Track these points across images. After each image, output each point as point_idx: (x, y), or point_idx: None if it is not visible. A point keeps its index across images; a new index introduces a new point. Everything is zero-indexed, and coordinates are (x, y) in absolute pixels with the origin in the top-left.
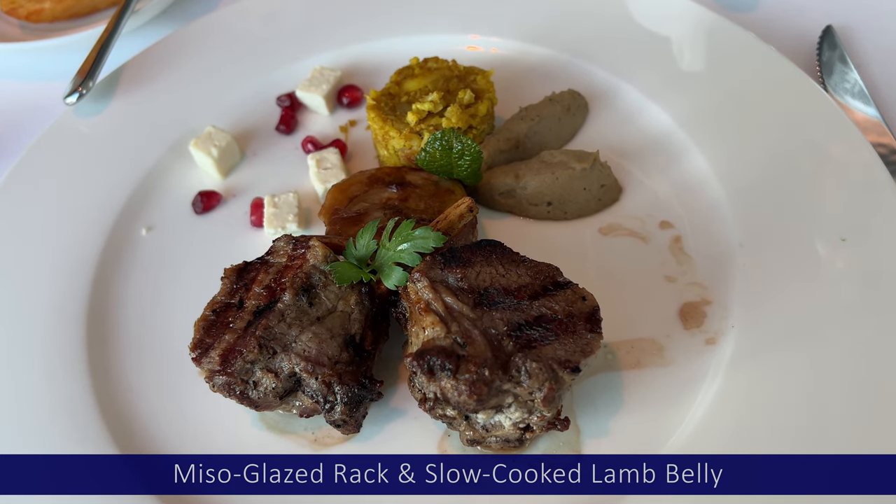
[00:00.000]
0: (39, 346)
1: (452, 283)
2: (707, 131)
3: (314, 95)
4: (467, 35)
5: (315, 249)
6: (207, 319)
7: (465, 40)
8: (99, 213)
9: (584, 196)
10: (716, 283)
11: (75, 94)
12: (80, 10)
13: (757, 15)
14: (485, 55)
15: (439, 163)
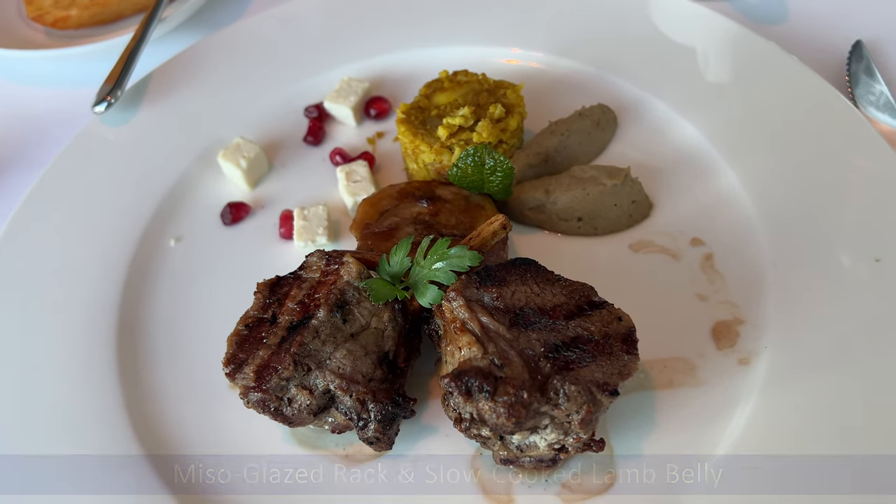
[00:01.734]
0: (71, 360)
1: (488, 302)
2: (736, 147)
3: (342, 107)
4: (495, 47)
5: (349, 266)
6: (240, 334)
7: (493, 52)
8: (128, 223)
9: (614, 212)
10: (748, 302)
11: (104, 103)
12: (106, 17)
13: (786, 28)
14: (513, 67)
15: (471, 178)
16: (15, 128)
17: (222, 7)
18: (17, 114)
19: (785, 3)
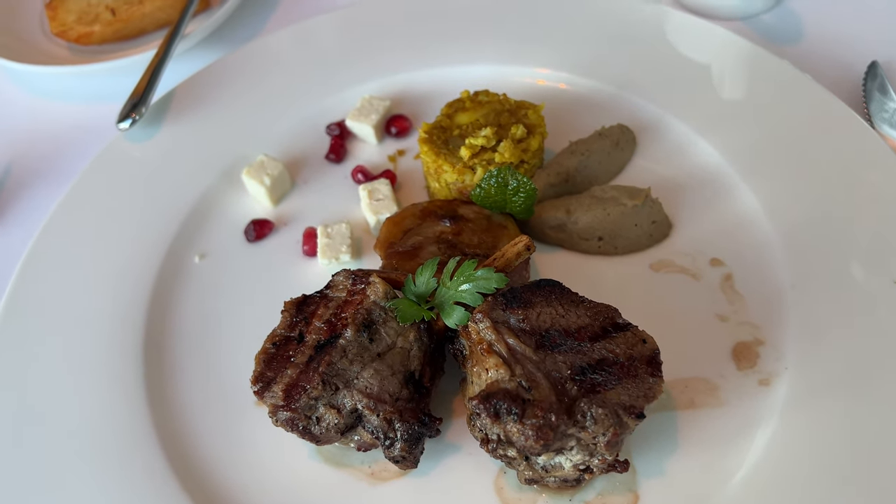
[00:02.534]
0: (98, 376)
1: (514, 324)
2: (754, 167)
3: (364, 125)
4: (513, 66)
5: (375, 286)
6: (268, 352)
7: (511, 71)
8: (153, 239)
9: (634, 232)
10: (768, 323)
11: (128, 119)
12: (129, 33)
13: (801, 47)
14: (531, 86)
15: (494, 199)
16: (39, 142)
17: (242, 23)
18: (41, 128)
19: (800, 22)
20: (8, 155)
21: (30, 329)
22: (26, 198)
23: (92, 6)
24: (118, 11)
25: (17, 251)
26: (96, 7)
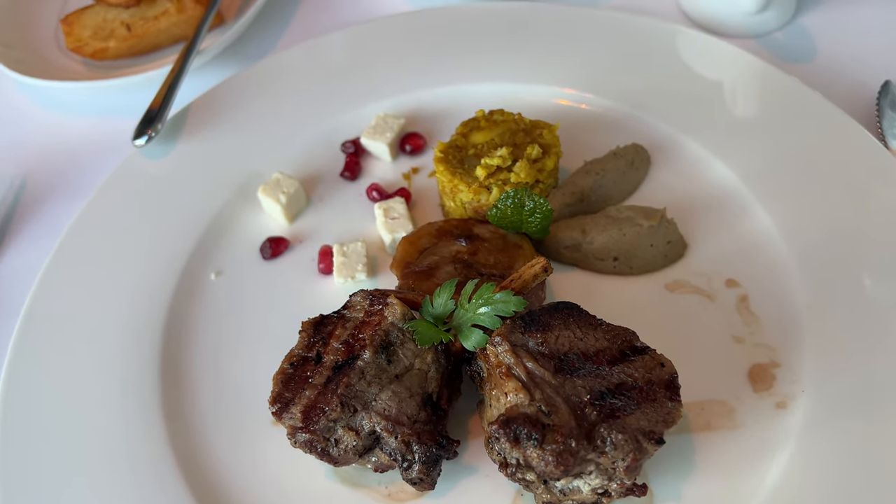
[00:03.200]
0: (114, 393)
1: (533, 347)
2: (768, 187)
3: (378, 143)
4: (528, 85)
5: (393, 307)
6: (286, 373)
7: (525, 89)
8: (169, 256)
9: (650, 252)
10: (784, 345)
11: (144, 136)
12: (143, 49)
13: (814, 66)
14: (546, 105)
15: (510, 219)
16: (55, 157)
17: (255, 38)
18: (56, 143)
19: (813, 40)
20: (23, 169)
21: (46, 345)
22: (42, 212)
23: (107, 22)
24: (133, 27)
25: (33, 266)
26: (112, 23)
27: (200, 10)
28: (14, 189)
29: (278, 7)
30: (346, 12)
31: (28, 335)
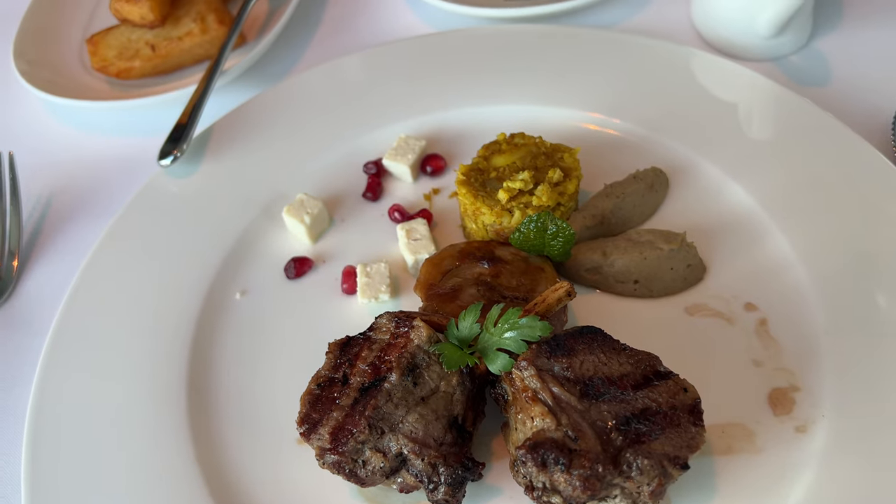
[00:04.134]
0: (142, 412)
1: (558, 372)
2: (786, 211)
3: (400, 164)
4: (546, 107)
5: (419, 330)
6: (313, 393)
7: (545, 112)
8: (195, 275)
9: (670, 275)
10: (803, 369)
11: (170, 156)
12: (167, 68)
13: (830, 89)
14: (565, 127)
15: (532, 243)
16: (80, 175)
17: (277, 57)
18: (81, 161)
19: (828, 64)
20: (50, 187)
21: (75, 364)
22: (68, 230)
23: (132, 42)
24: (157, 47)
25: (60, 283)
26: (136, 43)
27: (224, 30)
28: (41, 206)
29: (298, 27)
30: (364, 33)
31: (56, 354)
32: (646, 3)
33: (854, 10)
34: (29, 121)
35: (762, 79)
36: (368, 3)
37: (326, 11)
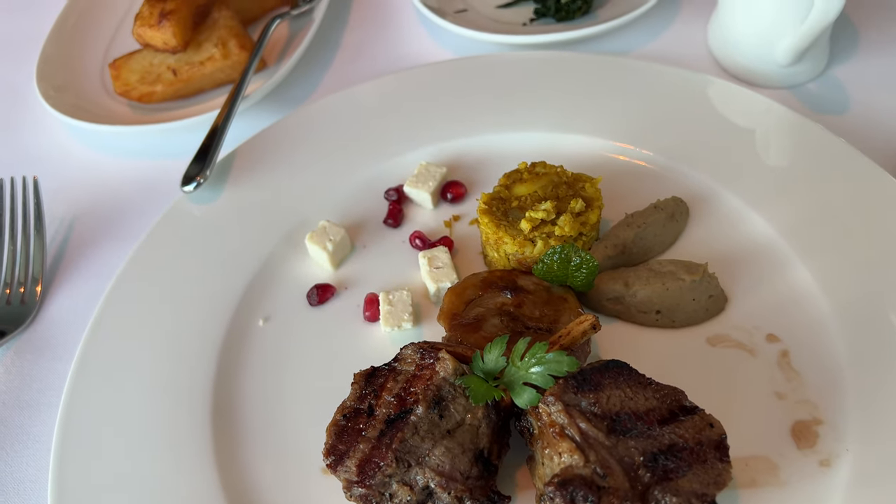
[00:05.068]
0: (166, 437)
1: (585, 407)
2: (806, 241)
3: (421, 192)
4: (565, 134)
5: (445, 362)
6: (339, 424)
7: (563, 139)
8: (219, 302)
9: (692, 306)
10: (826, 401)
11: (193, 182)
12: (188, 92)
13: (847, 117)
14: (585, 154)
15: (556, 273)
16: (103, 198)
17: (296, 82)
18: (104, 184)
19: (845, 91)
20: (72, 211)
21: (99, 392)
22: (91, 253)
23: (154, 66)
24: (179, 72)
25: (83, 307)
26: (158, 67)
27: (244, 55)
28: (63, 229)
29: (317, 52)
30: (382, 58)
31: (82, 381)
32: (663, 28)
33: (869, 39)
34: (51, 144)
35: (782, 108)
36: (387, 27)
37: (345, 36)
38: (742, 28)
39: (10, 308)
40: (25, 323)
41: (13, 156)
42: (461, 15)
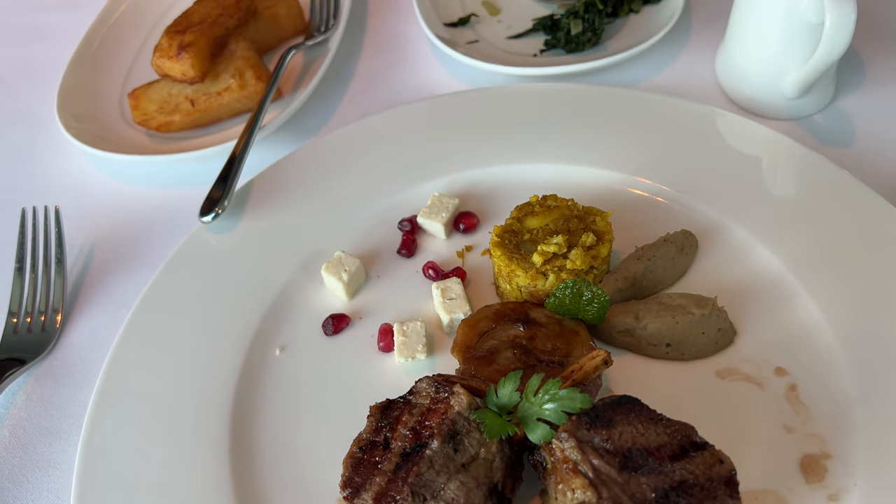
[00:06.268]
0: (187, 471)
1: (598, 443)
2: (814, 275)
3: (434, 222)
4: (576, 166)
5: (460, 397)
6: (355, 457)
7: (573, 171)
8: (237, 332)
9: (701, 339)
10: (835, 436)
11: (211, 213)
12: (205, 122)
13: (854, 149)
14: (594, 186)
15: (568, 307)
16: (121, 227)
17: (309, 113)
18: (122, 213)
19: (852, 123)
20: (91, 239)
21: (119, 421)
22: (110, 281)
23: (172, 97)
24: (197, 102)
25: (102, 336)
26: (176, 97)
27: (261, 86)
28: (83, 257)
29: (332, 82)
30: (395, 89)
31: (101, 411)
32: (671, 59)
33: (875, 70)
34: (71, 171)
35: (791, 141)
36: (400, 58)
37: (359, 66)
38: (749, 61)
39: (31, 335)
40: (46, 350)
41: (34, 183)
42: (472, 46)
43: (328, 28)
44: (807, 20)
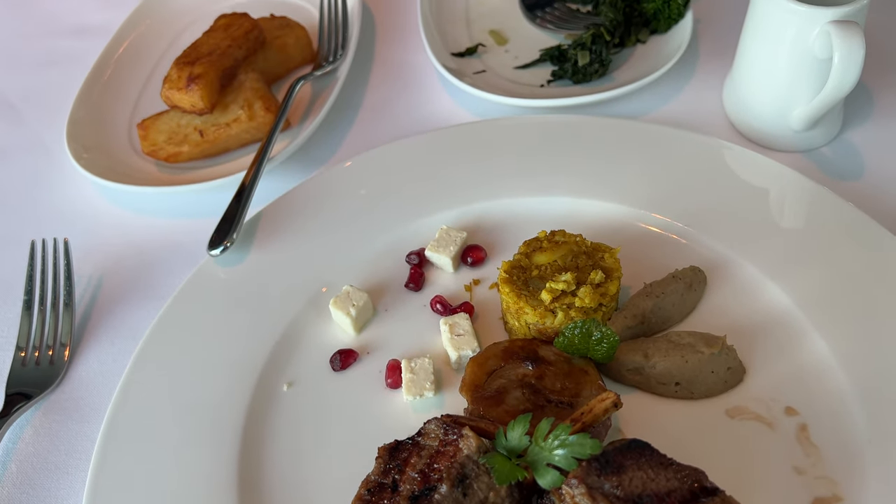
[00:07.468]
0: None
1: (608, 489)
2: (824, 312)
3: (442, 256)
4: (583, 199)
5: (469, 440)
6: (363, 499)
7: (581, 204)
8: (245, 366)
9: (711, 378)
10: (846, 477)
11: (220, 246)
12: (214, 152)
13: (862, 182)
14: (602, 220)
15: (577, 346)
16: (130, 257)
17: (317, 143)
18: (131, 243)
19: (860, 156)
20: (100, 269)
21: (127, 457)
22: (118, 313)
23: (181, 127)
24: (206, 133)
25: (111, 368)
26: (185, 128)
27: (270, 117)
28: (91, 288)
29: (340, 112)
30: (403, 119)
31: (109, 446)
32: (679, 90)
33: (883, 103)
34: (82, 203)
35: (801, 177)
36: (408, 88)
37: (367, 96)
38: (756, 93)
39: (39, 369)
40: (54, 384)
41: (43, 213)
42: (480, 76)
43: (336, 58)
44: (815, 55)
